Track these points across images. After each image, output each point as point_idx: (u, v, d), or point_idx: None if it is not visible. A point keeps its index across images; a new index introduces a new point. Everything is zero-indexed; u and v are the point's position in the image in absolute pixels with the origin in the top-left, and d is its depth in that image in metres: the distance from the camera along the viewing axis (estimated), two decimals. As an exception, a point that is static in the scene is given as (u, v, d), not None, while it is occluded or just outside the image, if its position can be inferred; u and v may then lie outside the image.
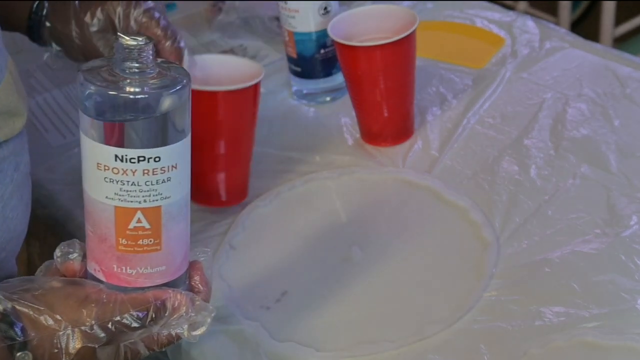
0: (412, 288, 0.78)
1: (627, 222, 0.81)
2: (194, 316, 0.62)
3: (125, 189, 0.59)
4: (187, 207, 0.63)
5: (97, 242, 0.61)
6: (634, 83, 1.01)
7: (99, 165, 0.59)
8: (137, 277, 0.61)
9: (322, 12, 1.00)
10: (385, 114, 0.95)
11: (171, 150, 0.59)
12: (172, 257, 0.62)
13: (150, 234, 0.60)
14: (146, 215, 0.59)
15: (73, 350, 0.60)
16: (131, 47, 0.58)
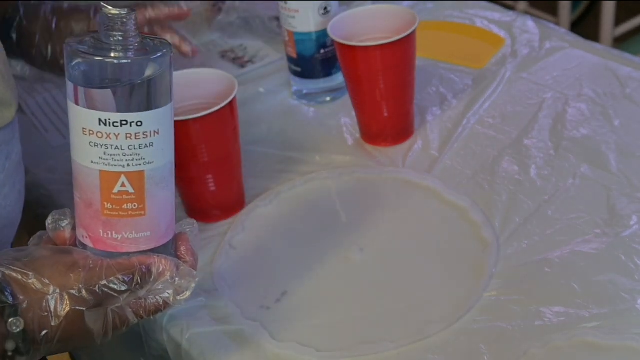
0: (412, 288, 0.78)
1: (627, 222, 0.81)
2: (178, 281, 0.64)
3: (109, 153, 0.61)
4: (172, 176, 0.64)
5: (84, 207, 0.63)
6: (634, 83, 1.01)
7: (84, 130, 0.61)
8: (122, 242, 0.63)
9: (322, 12, 1.00)
10: (385, 114, 0.95)
11: (153, 115, 0.61)
12: (157, 223, 0.64)
13: (134, 199, 0.62)
14: (130, 180, 0.61)
15: (62, 313, 0.61)
16: (114, 16, 0.60)
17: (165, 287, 0.64)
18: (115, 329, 0.64)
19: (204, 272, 0.82)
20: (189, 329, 0.76)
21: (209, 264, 0.83)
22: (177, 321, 0.77)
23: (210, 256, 0.84)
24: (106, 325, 0.64)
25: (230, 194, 0.89)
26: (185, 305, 0.78)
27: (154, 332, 0.79)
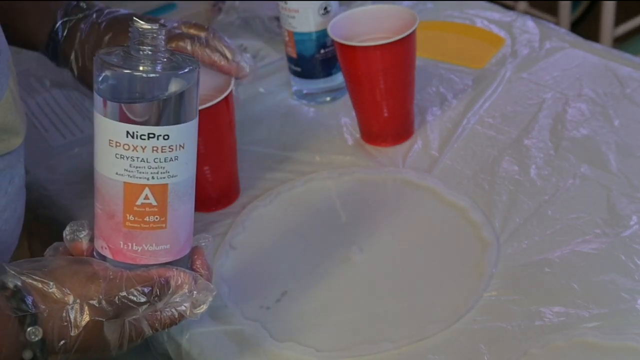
0: (412, 288, 0.78)
1: (627, 222, 0.81)
2: (196, 294, 0.65)
3: (134, 165, 0.61)
4: (193, 190, 0.65)
5: (106, 219, 0.64)
6: (634, 83, 1.01)
7: (111, 142, 0.61)
8: (142, 255, 0.64)
9: (322, 12, 1.00)
10: (385, 114, 0.95)
11: (179, 130, 0.62)
12: (177, 237, 0.64)
13: (156, 211, 0.63)
14: (153, 192, 0.62)
15: (81, 323, 0.62)
16: (146, 31, 0.61)
17: (182, 300, 0.65)
18: (130, 340, 0.65)
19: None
20: (189, 329, 0.76)
21: (209, 264, 0.83)
22: (177, 321, 0.77)
23: (210, 256, 0.84)
24: (122, 337, 0.64)
25: (226, 184, 0.90)
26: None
27: (154, 332, 0.79)
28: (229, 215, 0.90)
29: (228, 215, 0.90)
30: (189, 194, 0.65)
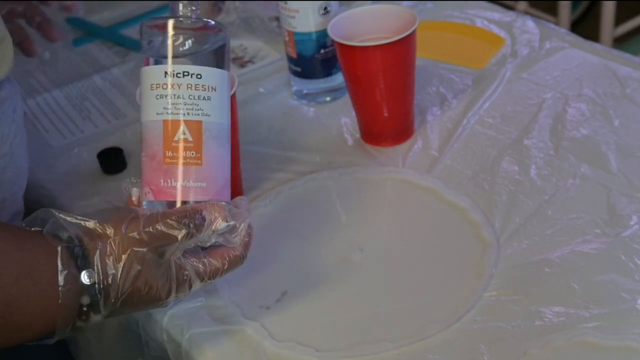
0: (412, 288, 0.78)
1: (627, 222, 0.81)
2: (232, 223, 0.69)
3: (172, 102, 0.68)
4: (228, 139, 0.71)
5: (149, 162, 0.69)
6: (634, 83, 1.01)
7: (152, 85, 0.69)
8: (180, 191, 0.68)
9: (322, 12, 1.00)
10: (385, 114, 0.95)
11: (211, 72, 0.69)
12: (213, 176, 0.69)
13: (192, 147, 0.68)
14: (189, 128, 0.68)
15: (124, 255, 0.65)
16: (183, 13, 0.71)
17: (220, 229, 0.68)
18: (179, 285, 0.67)
19: (204, 272, 0.82)
20: (189, 329, 0.76)
21: (209, 264, 0.83)
22: (177, 321, 0.77)
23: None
24: (170, 281, 0.67)
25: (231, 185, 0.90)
26: (186, 305, 0.78)
27: (154, 332, 0.79)
28: (229, 215, 0.90)
29: (228, 215, 0.90)
30: (223, 139, 0.70)
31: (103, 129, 1.08)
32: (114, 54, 1.25)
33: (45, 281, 0.63)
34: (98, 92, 1.15)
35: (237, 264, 0.71)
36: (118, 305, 0.66)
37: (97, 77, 1.18)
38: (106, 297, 0.65)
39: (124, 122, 1.08)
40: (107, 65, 1.21)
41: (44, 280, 0.63)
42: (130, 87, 1.15)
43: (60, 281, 0.63)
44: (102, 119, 1.09)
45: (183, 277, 0.68)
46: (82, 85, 1.17)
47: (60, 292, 0.63)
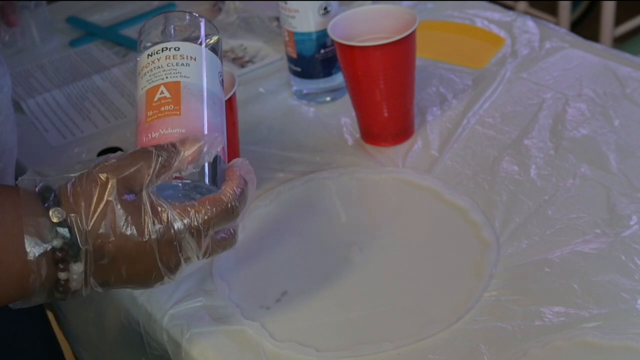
0: (412, 288, 0.78)
1: (627, 222, 0.81)
2: (208, 154, 0.67)
3: (152, 73, 0.69)
4: (212, 100, 0.70)
5: (136, 129, 0.70)
6: (634, 83, 1.01)
7: (140, 71, 0.71)
8: (159, 139, 0.67)
9: (322, 12, 1.00)
10: (385, 114, 0.95)
11: (188, 46, 0.71)
12: (193, 125, 0.68)
13: (170, 101, 0.68)
14: (168, 88, 0.69)
15: (94, 188, 0.62)
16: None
17: (197, 157, 0.66)
18: (155, 218, 0.63)
19: (204, 272, 0.82)
20: (189, 329, 0.76)
21: (209, 264, 0.83)
22: (177, 321, 0.77)
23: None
24: (144, 213, 0.63)
25: None
26: (186, 305, 0.78)
27: (154, 332, 0.79)
28: (229, 215, 0.90)
29: (228, 215, 0.90)
30: (203, 97, 0.69)
31: (103, 129, 1.08)
32: (114, 54, 1.25)
33: (10, 224, 0.59)
34: (98, 92, 1.15)
35: (227, 214, 0.65)
36: (95, 246, 0.61)
37: (97, 77, 1.18)
38: (79, 234, 0.61)
39: (124, 122, 1.08)
40: (107, 65, 1.21)
41: (8, 223, 0.59)
42: (130, 87, 1.15)
43: (26, 221, 0.60)
44: (102, 119, 1.09)
45: (158, 211, 0.63)
46: (82, 85, 1.17)
47: (25, 232, 0.59)
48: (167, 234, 0.63)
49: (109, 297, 0.85)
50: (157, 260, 0.64)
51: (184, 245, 0.64)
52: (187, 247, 0.64)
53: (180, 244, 0.64)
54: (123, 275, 0.64)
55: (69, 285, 0.62)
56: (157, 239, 0.63)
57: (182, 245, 0.64)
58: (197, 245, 0.65)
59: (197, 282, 0.81)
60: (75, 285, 0.63)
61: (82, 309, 0.92)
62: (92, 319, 0.90)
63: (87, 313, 0.91)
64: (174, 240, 0.63)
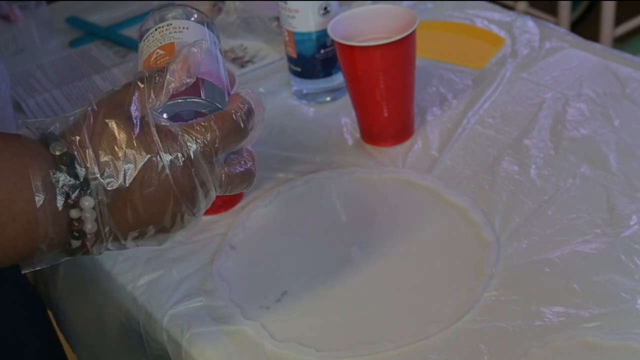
0: (412, 288, 0.78)
1: (627, 222, 0.81)
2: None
3: (148, 46, 0.68)
4: (209, 53, 0.67)
5: None
6: (634, 83, 1.01)
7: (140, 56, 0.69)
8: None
9: (322, 12, 1.00)
10: (385, 114, 0.95)
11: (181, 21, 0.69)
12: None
13: (165, 55, 0.66)
14: (162, 48, 0.67)
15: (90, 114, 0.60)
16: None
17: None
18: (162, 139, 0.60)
19: (204, 272, 0.82)
20: (189, 329, 0.76)
21: (209, 264, 0.83)
22: (177, 321, 0.77)
23: (210, 256, 0.84)
24: (146, 134, 0.59)
25: None
26: (186, 305, 0.78)
27: (154, 332, 0.79)
28: (229, 215, 0.90)
29: (228, 215, 0.90)
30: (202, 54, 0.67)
31: (103, 129, 1.07)
32: (114, 54, 1.25)
33: (13, 167, 0.56)
34: (98, 92, 1.15)
35: (236, 130, 0.63)
36: (101, 171, 0.58)
37: (97, 77, 1.18)
38: (83, 160, 0.58)
39: (124, 122, 1.08)
40: (107, 65, 1.21)
41: (12, 167, 0.56)
42: (130, 87, 1.15)
43: (29, 162, 0.56)
44: (102, 119, 1.09)
45: (163, 127, 0.60)
46: (82, 85, 1.17)
47: (30, 170, 0.56)
48: (174, 147, 0.60)
49: (109, 296, 0.85)
50: (170, 180, 0.60)
51: (195, 162, 0.60)
52: (198, 166, 0.61)
53: (191, 160, 0.60)
54: (139, 208, 0.59)
55: (84, 229, 0.59)
56: (167, 156, 0.59)
57: (194, 162, 0.60)
58: (209, 167, 0.61)
59: (197, 282, 0.81)
60: (90, 227, 0.59)
61: (83, 308, 0.92)
62: (92, 319, 0.90)
63: (87, 312, 0.91)
64: (183, 156, 0.60)
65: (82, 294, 0.91)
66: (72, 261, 0.91)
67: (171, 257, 0.85)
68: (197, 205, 0.62)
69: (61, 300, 0.95)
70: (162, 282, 0.82)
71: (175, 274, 0.83)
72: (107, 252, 0.63)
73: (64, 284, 0.94)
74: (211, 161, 0.62)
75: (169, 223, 0.62)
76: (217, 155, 0.62)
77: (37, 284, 1.01)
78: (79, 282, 0.91)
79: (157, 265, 0.84)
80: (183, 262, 0.84)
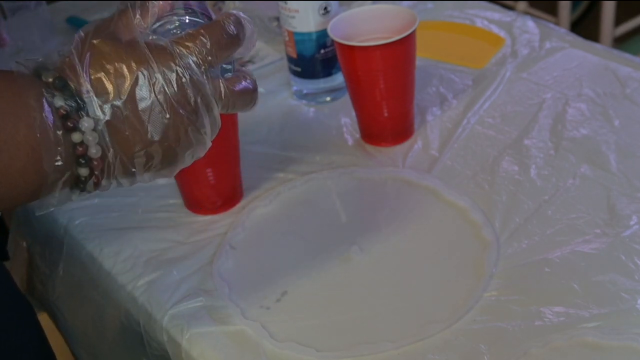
0: (412, 288, 0.78)
1: (627, 222, 0.81)
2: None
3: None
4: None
5: None
6: (634, 83, 1.01)
7: None
8: None
9: (322, 12, 1.00)
10: (385, 114, 0.95)
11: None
12: None
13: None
14: None
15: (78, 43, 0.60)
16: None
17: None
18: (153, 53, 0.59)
19: (204, 272, 0.82)
20: (189, 329, 0.76)
21: (209, 264, 0.83)
22: (177, 321, 0.77)
23: (210, 256, 0.84)
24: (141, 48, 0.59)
25: (229, 187, 0.90)
26: (186, 305, 0.78)
27: (154, 332, 0.79)
28: (229, 215, 0.90)
29: (228, 215, 0.90)
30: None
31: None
32: (114, 54, 1.24)
33: (8, 101, 0.55)
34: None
35: (228, 39, 0.62)
36: (95, 87, 0.57)
37: (97, 77, 1.18)
38: (74, 79, 0.57)
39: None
40: (107, 65, 1.21)
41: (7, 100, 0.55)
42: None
43: (23, 89, 0.56)
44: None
45: (152, 40, 0.60)
46: (82, 85, 1.17)
47: (25, 99, 0.55)
48: (165, 58, 0.59)
49: (109, 296, 0.85)
50: (166, 91, 0.59)
51: (189, 71, 0.60)
52: (193, 75, 0.60)
53: (185, 69, 0.59)
54: (138, 124, 0.58)
55: (88, 153, 0.57)
56: (159, 67, 0.59)
57: (188, 71, 0.60)
58: (205, 77, 0.61)
59: (197, 282, 0.81)
60: (94, 152, 0.57)
61: (82, 309, 0.92)
62: (92, 320, 0.90)
63: (86, 313, 0.91)
64: (177, 65, 0.59)
65: (81, 294, 0.91)
66: (71, 261, 0.91)
67: (171, 257, 0.85)
68: (199, 118, 0.61)
69: (60, 301, 0.95)
70: (162, 282, 0.82)
71: (175, 274, 0.83)
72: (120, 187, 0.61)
73: (63, 284, 0.94)
74: (206, 71, 0.61)
75: (173, 140, 0.60)
76: (212, 66, 0.61)
77: (34, 285, 1.01)
78: (78, 282, 0.91)
79: (157, 265, 0.84)
80: (183, 262, 0.84)
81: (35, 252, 0.99)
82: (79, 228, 0.91)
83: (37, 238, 0.98)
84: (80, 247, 0.89)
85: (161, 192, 0.94)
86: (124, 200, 0.94)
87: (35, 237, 0.99)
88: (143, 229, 0.89)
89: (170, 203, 0.92)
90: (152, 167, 0.61)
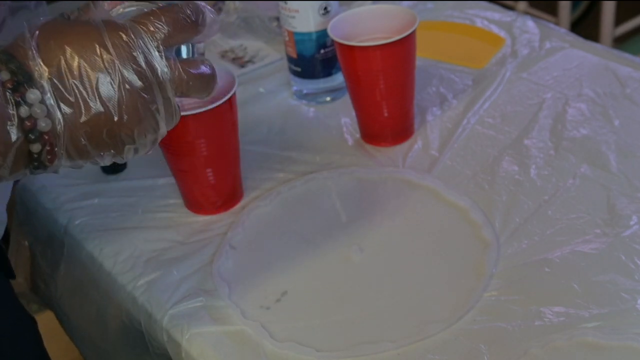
0: (412, 288, 0.78)
1: (627, 222, 0.81)
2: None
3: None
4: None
5: None
6: (634, 83, 1.01)
7: None
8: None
9: (322, 12, 1.00)
10: (385, 114, 0.95)
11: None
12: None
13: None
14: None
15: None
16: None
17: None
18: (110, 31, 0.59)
19: (204, 272, 0.82)
20: (189, 329, 0.76)
21: (209, 264, 0.83)
22: (177, 321, 0.77)
23: (210, 256, 0.84)
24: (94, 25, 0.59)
25: (229, 187, 0.90)
26: (186, 305, 0.78)
27: (154, 332, 0.79)
28: (229, 215, 0.90)
29: (228, 215, 0.90)
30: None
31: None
32: (114, 54, 1.24)
33: None
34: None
35: (185, 22, 0.62)
36: (40, 44, 0.57)
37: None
38: (24, 54, 0.57)
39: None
40: (107, 65, 1.21)
41: None
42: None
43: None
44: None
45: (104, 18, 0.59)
46: (82, 85, 1.17)
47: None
48: (117, 27, 0.59)
49: (109, 296, 0.85)
50: (112, 53, 0.58)
51: (135, 34, 0.59)
52: (147, 46, 0.59)
53: (131, 35, 0.59)
54: (91, 95, 0.58)
55: (38, 127, 0.56)
56: (105, 33, 0.58)
57: (135, 36, 0.59)
58: (156, 52, 0.60)
59: (197, 282, 0.81)
60: (43, 125, 0.56)
61: (84, 308, 0.92)
62: (94, 320, 0.90)
63: (88, 312, 0.91)
64: (126, 35, 0.59)
65: (82, 293, 0.91)
66: (72, 261, 0.91)
67: (171, 257, 0.85)
68: (149, 93, 0.60)
69: (62, 301, 0.95)
70: (162, 282, 0.82)
71: (175, 274, 0.83)
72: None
73: (64, 284, 0.94)
74: (158, 47, 0.60)
75: (121, 113, 0.59)
76: (166, 45, 0.61)
77: (38, 284, 1.01)
78: (79, 282, 0.91)
79: (157, 265, 0.84)
80: (183, 262, 0.84)
81: (36, 251, 0.99)
82: (79, 228, 0.91)
83: (38, 237, 0.98)
84: (81, 247, 0.90)
85: (161, 192, 0.94)
86: (124, 200, 0.94)
87: (37, 236, 0.99)
88: (143, 229, 0.89)
89: (170, 203, 0.92)
90: (102, 143, 0.59)
